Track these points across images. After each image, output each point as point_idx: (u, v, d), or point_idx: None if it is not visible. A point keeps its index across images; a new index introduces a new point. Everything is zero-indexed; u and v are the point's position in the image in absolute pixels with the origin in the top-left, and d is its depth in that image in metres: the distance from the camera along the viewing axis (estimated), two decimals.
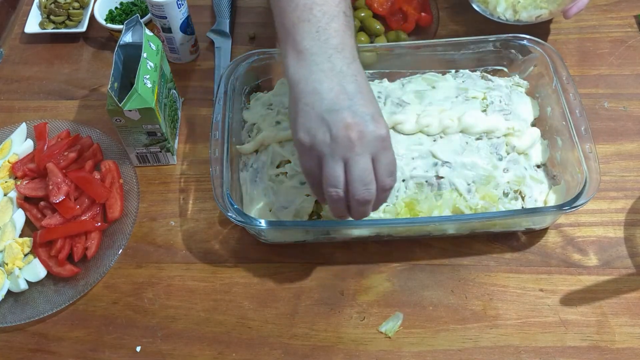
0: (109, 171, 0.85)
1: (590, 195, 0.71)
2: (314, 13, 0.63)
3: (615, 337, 0.72)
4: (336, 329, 0.74)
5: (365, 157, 0.61)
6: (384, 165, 0.62)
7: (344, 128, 0.60)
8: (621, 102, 0.91)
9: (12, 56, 1.05)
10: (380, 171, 0.62)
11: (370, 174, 0.62)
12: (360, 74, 0.64)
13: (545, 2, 0.89)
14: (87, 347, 0.75)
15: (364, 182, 0.61)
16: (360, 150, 0.61)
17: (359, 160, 0.61)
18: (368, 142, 0.61)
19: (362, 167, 0.61)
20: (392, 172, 0.64)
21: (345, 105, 0.61)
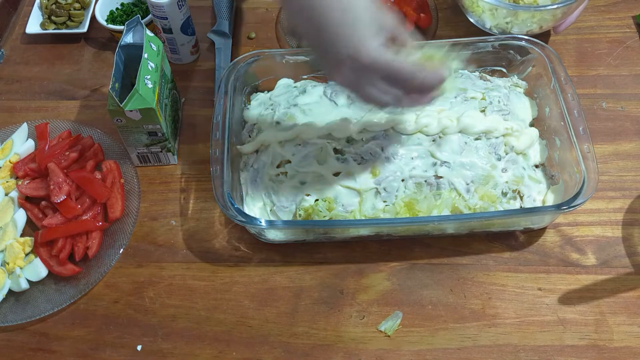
0: (110, 171, 0.86)
1: (588, 195, 0.71)
2: None
3: (613, 335, 0.73)
4: (336, 328, 0.75)
5: (367, 89, 0.62)
6: (395, 82, 0.62)
7: (354, 51, 0.60)
8: (619, 103, 0.92)
9: (14, 56, 1.05)
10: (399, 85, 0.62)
11: (381, 99, 0.63)
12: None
13: (536, 20, 0.90)
14: (88, 346, 0.75)
15: (384, 103, 0.63)
16: (356, 87, 0.63)
17: (364, 93, 0.63)
18: (359, 77, 0.62)
19: (369, 96, 0.63)
20: (407, 79, 0.62)
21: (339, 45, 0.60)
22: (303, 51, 0.89)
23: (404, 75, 0.62)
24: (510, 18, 0.90)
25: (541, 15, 0.88)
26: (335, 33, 0.61)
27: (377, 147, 0.77)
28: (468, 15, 0.97)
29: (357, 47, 0.60)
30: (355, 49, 0.60)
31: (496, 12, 0.91)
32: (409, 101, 0.64)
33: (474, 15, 0.95)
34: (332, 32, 0.61)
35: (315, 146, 0.79)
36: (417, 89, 0.64)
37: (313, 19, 0.62)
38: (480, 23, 0.95)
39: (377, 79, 0.62)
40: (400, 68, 0.61)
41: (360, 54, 0.60)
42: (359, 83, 0.63)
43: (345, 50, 0.60)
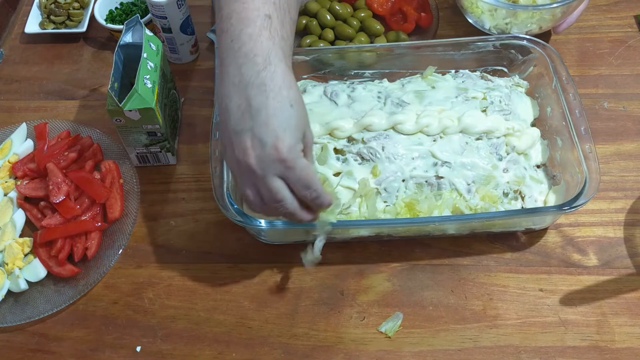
0: (109, 171, 0.85)
1: (590, 196, 0.71)
2: (231, 22, 0.62)
3: (615, 337, 0.72)
4: (336, 329, 0.75)
5: (269, 180, 0.61)
6: (294, 183, 0.62)
7: (243, 153, 0.60)
8: (621, 102, 0.91)
9: (12, 56, 1.05)
10: (293, 188, 0.62)
11: (277, 194, 0.61)
12: (273, 79, 0.60)
13: (535, 20, 0.89)
14: (87, 347, 0.75)
15: (275, 201, 0.62)
16: (262, 174, 0.61)
17: (263, 184, 0.61)
18: (268, 166, 0.60)
19: (267, 189, 0.61)
20: (307, 186, 0.62)
21: (247, 127, 0.60)
22: (303, 51, 0.89)
23: (309, 183, 0.62)
24: (510, 19, 0.90)
25: (540, 15, 0.88)
26: (267, 115, 0.60)
27: (377, 147, 0.77)
28: (467, 16, 0.96)
29: (282, 139, 0.60)
30: (279, 140, 0.59)
31: (495, 12, 0.91)
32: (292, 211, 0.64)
33: (473, 16, 0.95)
34: (263, 114, 0.60)
35: (315, 146, 0.79)
36: (308, 202, 0.64)
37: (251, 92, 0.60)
38: (480, 24, 0.95)
39: (276, 176, 0.61)
40: (310, 175, 0.62)
41: (283, 145, 0.59)
42: (256, 173, 0.61)
43: (268, 137, 0.59)
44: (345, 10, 0.99)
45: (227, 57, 0.61)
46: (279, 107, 0.60)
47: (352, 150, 0.78)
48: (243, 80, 0.60)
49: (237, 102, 0.60)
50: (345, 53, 0.88)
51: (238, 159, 0.61)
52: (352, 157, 0.78)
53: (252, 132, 0.60)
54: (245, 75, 0.60)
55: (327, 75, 0.90)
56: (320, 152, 0.78)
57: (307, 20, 0.99)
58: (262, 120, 0.60)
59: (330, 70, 0.90)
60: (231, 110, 0.61)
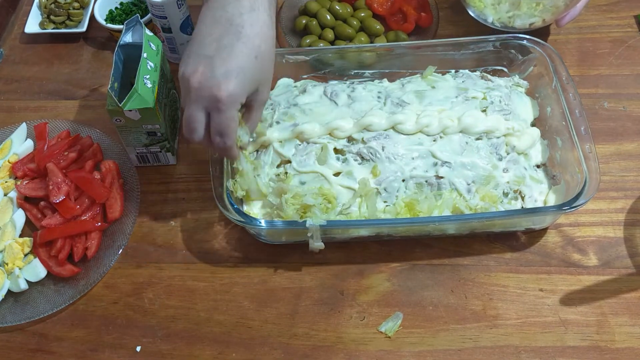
0: (109, 171, 0.85)
1: (590, 195, 0.71)
2: None
3: (615, 337, 0.72)
4: (336, 329, 0.75)
5: (195, 106, 0.65)
6: (213, 124, 0.66)
7: (191, 72, 0.64)
8: (621, 102, 0.91)
9: (12, 56, 1.05)
10: (211, 127, 0.66)
11: (194, 122, 0.66)
12: (252, 25, 0.65)
13: (539, 12, 0.89)
14: (87, 347, 0.75)
15: (187, 126, 0.67)
16: (192, 99, 0.65)
17: (190, 107, 0.66)
18: (202, 96, 0.64)
19: (189, 113, 0.66)
20: (221, 133, 0.66)
21: (208, 54, 0.64)
22: (303, 51, 0.89)
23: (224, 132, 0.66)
24: (513, 11, 0.90)
25: (543, 6, 0.88)
26: (229, 55, 0.64)
27: (377, 147, 0.77)
28: (469, 9, 0.96)
29: (229, 82, 0.63)
30: (227, 81, 0.63)
31: (498, 6, 0.91)
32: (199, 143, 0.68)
33: (476, 10, 0.95)
34: (226, 52, 0.64)
35: (315, 146, 0.79)
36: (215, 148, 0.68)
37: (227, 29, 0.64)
38: (482, 18, 0.95)
39: (203, 108, 0.65)
40: (230, 127, 0.66)
41: (226, 87, 0.63)
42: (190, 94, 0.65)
43: (219, 73, 0.63)
44: (345, 10, 0.99)
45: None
46: (244, 54, 0.64)
47: (352, 150, 0.78)
48: (224, 16, 0.65)
49: (210, 31, 0.65)
50: (345, 53, 0.88)
51: (184, 74, 0.65)
52: (352, 157, 0.78)
53: (210, 61, 0.64)
54: (228, 12, 0.64)
55: (327, 75, 0.90)
56: (320, 152, 0.78)
57: (307, 20, 0.98)
58: (223, 57, 0.64)
59: (330, 70, 0.90)
60: (202, 35, 0.65)
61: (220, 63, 0.63)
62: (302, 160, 0.78)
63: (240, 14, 0.64)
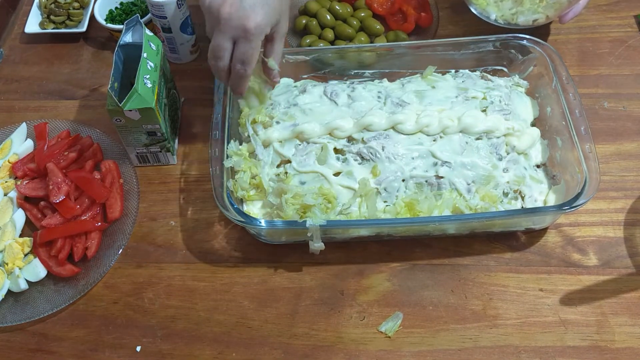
0: (109, 171, 0.85)
1: (590, 195, 0.71)
2: None
3: (614, 336, 0.72)
4: (336, 329, 0.75)
5: (222, 36, 0.69)
6: (238, 52, 0.70)
7: (221, 4, 0.68)
8: (621, 102, 0.91)
9: (12, 56, 1.05)
10: (234, 55, 0.70)
11: (220, 51, 0.70)
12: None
13: (542, 8, 0.89)
14: (87, 347, 0.75)
15: (213, 53, 0.71)
16: (222, 29, 0.69)
17: (217, 36, 0.70)
18: (231, 25, 0.68)
19: (217, 42, 0.70)
20: (244, 62, 0.70)
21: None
22: (303, 51, 0.89)
23: (248, 61, 0.70)
24: (516, 8, 0.90)
25: (547, 2, 0.88)
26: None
27: (377, 147, 0.77)
28: (472, 7, 0.96)
29: (258, 13, 0.68)
30: (255, 12, 0.68)
31: (501, 3, 0.91)
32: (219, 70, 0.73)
33: (478, 8, 0.94)
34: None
35: (315, 146, 0.79)
36: (234, 74, 0.73)
37: None
38: (485, 15, 0.94)
39: (231, 38, 0.69)
40: (254, 57, 0.71)
41: (255, 18, 0.68)
42: (220, 24, 0.69)
43: (247, 5, 0.67)
44: (345, 10, 0.99)
45: None
46: None
47: (352, 150, 0.78)
48: None
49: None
50: (345, 53, 0.88)
51: (213, 5, 0.69)
52: (352, 157, 0.78)
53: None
54: None
55: (327, 75, 0.90)
56: (320, 152, 0.78)
57: (307, 20, 0.98)
58: None
59: (330, 70, 0.90)
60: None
61: (243, 1, 0.67)
62: (302, 160, 0.78)
63: None
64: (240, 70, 0.72)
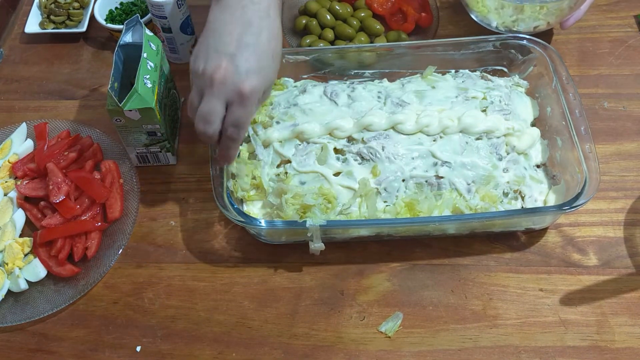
0: (109, 171, 0.85)
1: (590, 195, 0.71)
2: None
3: (615, 336, 0.72)
4: (336, 329, 0.75)
5: (216, 100, 0.67)
6: (231, 115, 0.68)
7: (214, 68, 0.66)
8: (621, 102, 0.91)
9: (12, 56, 1.05)
10: (227, 118, 0.68)
11: (213, 116, 0.67)
12: (269, 29, 0.68)
13: (543, 15, 0.89)
14: (87, 347, 0.75)
15: (204, 118, 0.68)
16: (215, 92, 0.66)
17: (209, 100, 0.67)
18: (225, 90, 0.66)
19: (209, 106, 0.67)
20: (237, 125, 0.68)
21: (229, 51, 0.67)
22: (303, 50, 0.89)
23: (242, 125, 0.69)
24: (517, 15, 0.90)
25: (547, 9, 0.88)
26: (251, 53, 0.67)
27: (377, 147, 0.77)
28: (473, 14, 0.96)
29: (253, 79, 0.67)
30: (251, 77, 0.66)
31: (502, 10, 0.91)
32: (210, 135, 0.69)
33: (479, 15, 0.95)
34: (249, 51, 0.67)
35: (315, 146, 0.79)
36: (225, 138, 0.70)
37: (248, 29, 0.68)
38: (486, 22, 0.94)
39: (225, 101, 0.67)
40: (248, 122, 0.69)
41: (251, 83, 0.66)
42: (213, 88, 0.66)
43: (242, 70, 0.66)
44: (345, 10, 0.99)
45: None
46: (265, 53, 0.68)
47: (352, 150, 0.78)
48: (243, 18, 0.68)
49: (230, 29, 0.67)
50: (345, 53, 0.88)
51: (206, 70, 0.67)
52: (352, 157, 0.78)
53: (232, 58, 0.66)
54: (247, 15, 0.68)
55: (327, 75, 0.90)
56: (320, 152, 0.78)
57: (307, 20, 0.98)
58: (245, 55, 0.67)
59: (330, 70, 0.90)
60: (221, 33, 0.68)
61: (243, 60, 0.66)
62: (302, 160, 0.78)
63: (259, 17, 0.68)
64: (233, 134, 0.69)
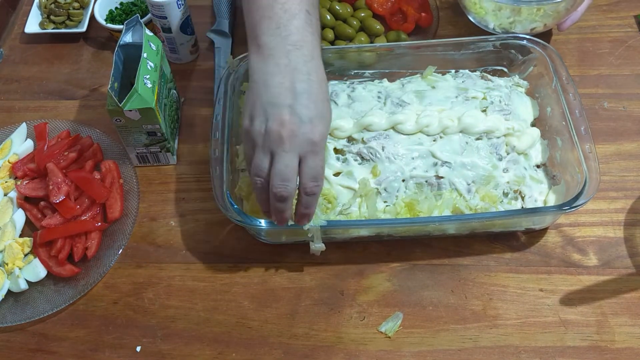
0: (109, 171, 0.85)
1: (590, 195, 0.71)
2: (275, 11, 0.66)
3: (615, 337, 0.72)
4: (336, 329, 0.75)
5: (290, 155, 0.63)
6: (308, 168, 0.64)
7: (278, 124, 0.63)
8: (621, 102, 0.91)
9: (12, 56, 1.05)
10: (304, 173, 0.65)
11: (290, 172, 0.64)
12: (316, 72, 0.66)
13: (539, 17, 0.89)
14: (87, 347, 0.75)
15: (283, 177, 0.64)
16: (287, 148, 0.63)
17: (284, 157, 0.63)
18: (298, 143, 0.63)
19: (285, 163, 0.63)
20: (316, 178, 0.65)
21: (287, 103, 0.63)
22: None
23: (319, 175, 0.65)
24: (514, 17, 0.90)
25: (544, 11, 0.88)
26: (309, 100, 0.64)
27: (377, 147, 0.77)
28: (470, 16, 0.96)
29: (319, 124, 0.64)
30: (316, 124, 0.64)
31: (499, 12, 0.91)
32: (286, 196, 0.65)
33: (477, 17, 0.95)
34: (305, 97, 0.64)
35: None
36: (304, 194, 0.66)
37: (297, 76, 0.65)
38: (483, 24, 0.95)
39: (298, 155, 0.64)
40: (323, 170, 0.66)
41: (317, 129, 0.64)
42: (284, 144, 0.63)
43: (306, 118, 0.63)
44: (345, 10, 0.99)
45: (273, 42, 0.65)
46: (320, 97, 0.65)
47: (352, 150, 0.78)
48: (290, 65, 0.64)
49: (280, 80, 0.64)
50: (345, 53, 0.88)
51: (271, 128, 0.63)
52: (352, 157, 0.78)
53: (292, 108, 0.63)
54: (293, 61, 0.65)
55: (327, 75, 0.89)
56: None
57: None
58: (303, 102, 0.64)
59: (330, 70, 0.90)
60: (271, 85, 0.64)
61: (304, 108, 0.64)
62: None
63: (305, 62, 0.65)
64: (314, 189, 0.65)
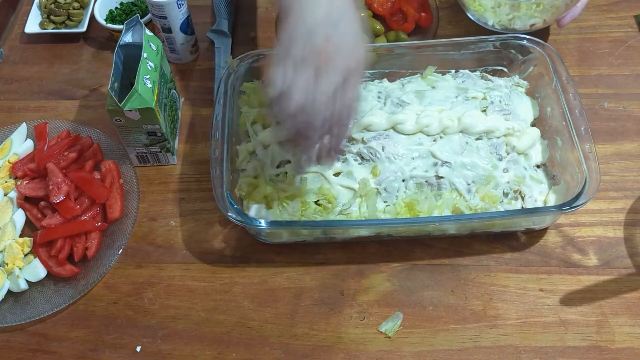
0: (109, 171, 0.85)
1: (590, 196, 0.71)
2: None
3: (615, 337, 0.72)
4: (336, 329, 0.75)
5: (338, 73, 0.62)
6: (349, 87, 0.63)
7: (324, 40, 0.61)
8: (621, 102, 0.91)
9: (12, 56, 1.05)
10: (345, 93, 0.63)
11: (336, 92, 0.62)
12: (353, 8, 0.64)
13: (538, 13, 0.89)
14: (87, 347, 0.75)
15: (328, 96, 0.62)
16: (335, 65, 0.62)
17: (330, 75, 0.61)
18: (344, 59, 0.62)
19: (331, 80, 0.61)
20: (356, 98, 0.65)
21: (331, 21, 0.62)
22: None
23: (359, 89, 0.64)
24: (513, 13, 0.90)
25: (543, 6, 0.88)
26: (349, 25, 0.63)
27: (377, 147, 0.77)
28: (469, 13, 0.96)
29: (362, 47, 0.63)
30: (361, 45, 0.63)
31: (498, 9, 0.91)
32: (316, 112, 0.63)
33: (476, 14, 0.95)
34: (348, 25, 0.63)
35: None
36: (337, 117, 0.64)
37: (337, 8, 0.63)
38: (482, 21, 0.95)
39: (343, 72, 0.62)
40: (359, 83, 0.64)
41: (362, 51, 0.63)
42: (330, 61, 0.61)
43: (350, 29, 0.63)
44: None
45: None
46: (358, 28, 0.64)
47: (352, 150, 0.78)
48: None
49: (317, 2, 0.62)
50: None
51: (315, 45, 0.61)
52: (352, 157, 0.78)
53: (336, 26, 0.62)
54: None
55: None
56: None
57: None
58: (347, 20, 0.63)
59: None
60: (310, 6, 0.62)
61: (348, 26, 0.63)
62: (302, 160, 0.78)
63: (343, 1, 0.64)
64: (351, 110, 0.65)
